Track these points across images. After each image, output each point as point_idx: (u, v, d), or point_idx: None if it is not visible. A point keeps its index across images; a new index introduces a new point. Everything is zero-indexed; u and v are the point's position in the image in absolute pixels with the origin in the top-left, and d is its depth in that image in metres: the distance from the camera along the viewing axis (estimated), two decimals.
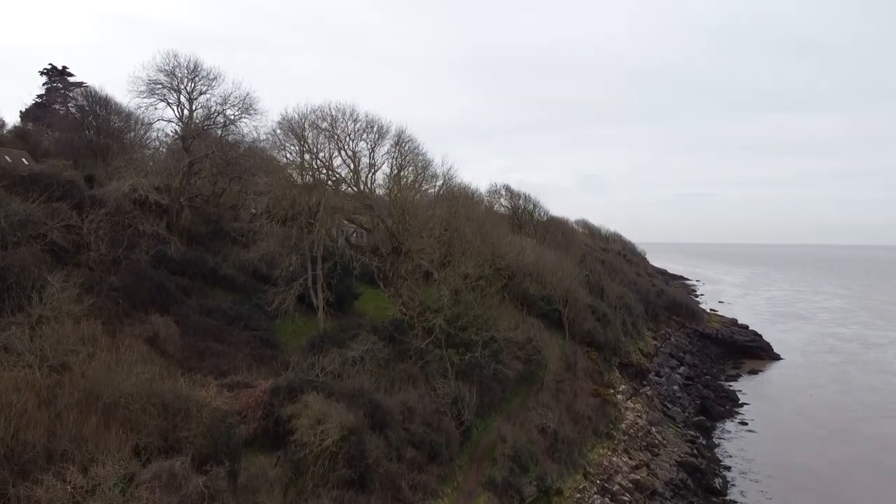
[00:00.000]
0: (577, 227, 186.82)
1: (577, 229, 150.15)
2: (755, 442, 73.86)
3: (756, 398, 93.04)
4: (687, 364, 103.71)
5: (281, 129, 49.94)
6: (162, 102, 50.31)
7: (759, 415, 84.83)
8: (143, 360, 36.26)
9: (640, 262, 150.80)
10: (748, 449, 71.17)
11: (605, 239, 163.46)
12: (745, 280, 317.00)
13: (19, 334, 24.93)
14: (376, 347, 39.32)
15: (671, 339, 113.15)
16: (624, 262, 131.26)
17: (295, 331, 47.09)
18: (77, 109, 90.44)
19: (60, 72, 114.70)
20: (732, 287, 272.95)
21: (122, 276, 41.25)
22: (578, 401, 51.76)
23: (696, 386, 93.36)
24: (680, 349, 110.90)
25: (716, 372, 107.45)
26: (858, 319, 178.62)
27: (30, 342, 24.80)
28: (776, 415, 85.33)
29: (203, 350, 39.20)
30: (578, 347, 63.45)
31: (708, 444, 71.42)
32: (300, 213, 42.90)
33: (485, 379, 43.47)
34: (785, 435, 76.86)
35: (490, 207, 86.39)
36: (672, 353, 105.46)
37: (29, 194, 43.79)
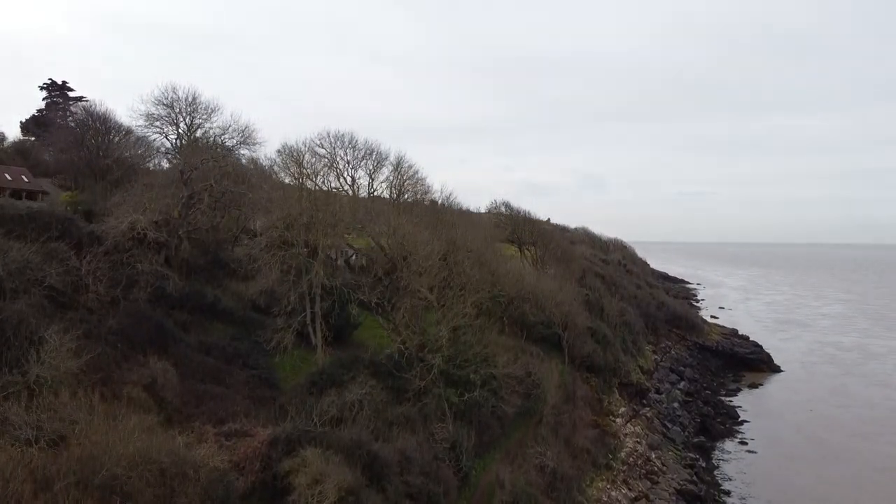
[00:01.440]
0: (578, 235, 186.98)
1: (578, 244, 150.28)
2: (755, 463, 73.90)
3: (756, 415, 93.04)
4: (687, 379, 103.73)
5: (280, 156, 50.07)
6: (160, 134, 50.12)
7: (758, 433, 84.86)
8: (142, 408, 36.63)
9: (640, 271, 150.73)
10: (748, 471, 71.22)
11: (605, 247, 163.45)
12: (745, 283, 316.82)
13: (15, 408, 24.88)
14: (374, 391, 39.25)
15: (671, 351, 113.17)
16: (624, 273, 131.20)
17: (294, 366, 47.11)
18: (77, 125, 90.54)
19: (60, 87, 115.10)
20: (733, 291, 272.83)
21: (120, 317, 41.22)
22: (577, 433, 51.79)
23: (696, 402, 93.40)
24: (680, 363, 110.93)
25: (716, 386, 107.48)
26: (858, 327, 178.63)
27: (26, 415, 24.78)
28: (776, 433, 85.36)
29: (202, 394, 39.16)
30: (578, 374, 63.44)
31: (708, 466, 71.47)
32: (298, 248, 42.83)
33: (483, 417, 43.50)
34: (784, 455, 76.85)
35: (490, 226, 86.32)
36: (672, 367, 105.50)
37: (27, 234, 43.93)
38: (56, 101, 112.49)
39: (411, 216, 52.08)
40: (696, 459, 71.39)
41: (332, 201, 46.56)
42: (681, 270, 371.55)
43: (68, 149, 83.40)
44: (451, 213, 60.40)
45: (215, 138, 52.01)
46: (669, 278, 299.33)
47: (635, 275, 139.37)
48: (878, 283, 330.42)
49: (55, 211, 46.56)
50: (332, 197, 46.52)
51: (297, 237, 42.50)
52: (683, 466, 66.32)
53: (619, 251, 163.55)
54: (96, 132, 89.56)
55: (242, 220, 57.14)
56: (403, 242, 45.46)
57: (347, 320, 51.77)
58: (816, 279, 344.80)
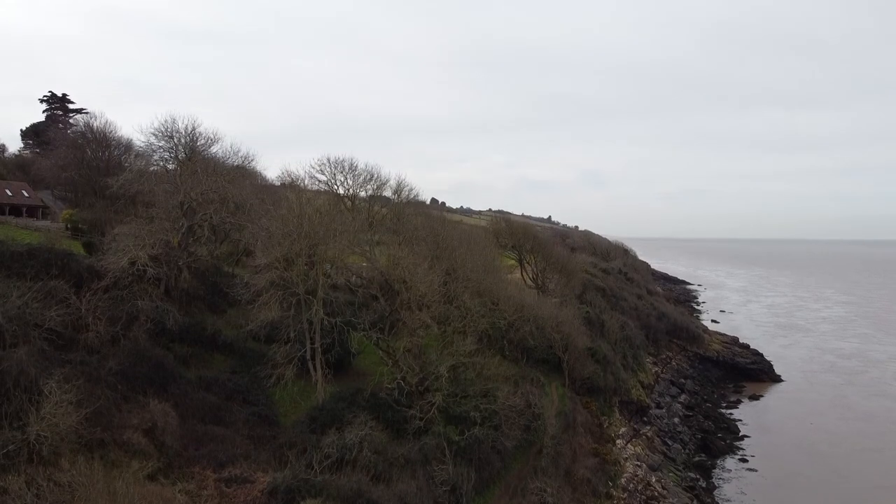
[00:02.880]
0: (579, 240, 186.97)
1: (579, 251, 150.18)
2: (754, 483, 73.87)
3: (757, 429, 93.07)
4: (688, 391, 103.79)
5: (281, 181, 49.99)
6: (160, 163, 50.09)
7: (759, 449, 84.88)
8: (143, 454, 36.69)
9: (641, 278, 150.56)
10: (748, 492, 71.22)
11: (605, 254, 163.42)
12: (746, 284, 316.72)
13: (15, 480, 24.90)
14: (374, 432, 39.27)
15: (672, 363, 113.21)
16: (625, 281, 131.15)
17: (293, 400, 47.14)
18: (77, 139, 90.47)
19: (60, 99, 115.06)
20: (734, 293, 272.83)
21: (120, 357, 41.27)
22: (577, 463, 51.83)
23: (696, 417, 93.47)
24: (681, 374, 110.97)
25: (717, 398, 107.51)
26: (858, 331, 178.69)
27: (26, 489, 24.81)
28: (776, 449, 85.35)
29: (202, 436, 39.21)
30: (578, 399, 63.42)
31: (708, 486, 71.50)
32: (298, 288, 42.84)
33: (483, 453, 43.50)
34: (784, 474, 76.83)
35: (489, 241, 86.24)
36: (673, 379, 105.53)
37: (27, 272, 43.97)
38: (56, 112, 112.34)
39: (411, 246, 52.05)
40: (697, 480, 71.47)
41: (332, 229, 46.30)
42: (682, 270, 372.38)
43: (68, 166, 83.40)
44: (450, 238, 60.17)
45: (215, 167, 51.59)
46: (670, 279, 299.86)
47: (636, 283, 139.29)
48: (879, 283, 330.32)
49: (54, 247, 46.45)
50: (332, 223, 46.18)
51: (296, 276, 42.42)
52: (684, 489, 66.31)
53: (620, 257, 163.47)
54: (97, 146, 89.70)
55: (243, 244, 57.13)
56: (405, 276, 45.43)
57: (347, 350, 51.73)
58: (817, 280, 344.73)
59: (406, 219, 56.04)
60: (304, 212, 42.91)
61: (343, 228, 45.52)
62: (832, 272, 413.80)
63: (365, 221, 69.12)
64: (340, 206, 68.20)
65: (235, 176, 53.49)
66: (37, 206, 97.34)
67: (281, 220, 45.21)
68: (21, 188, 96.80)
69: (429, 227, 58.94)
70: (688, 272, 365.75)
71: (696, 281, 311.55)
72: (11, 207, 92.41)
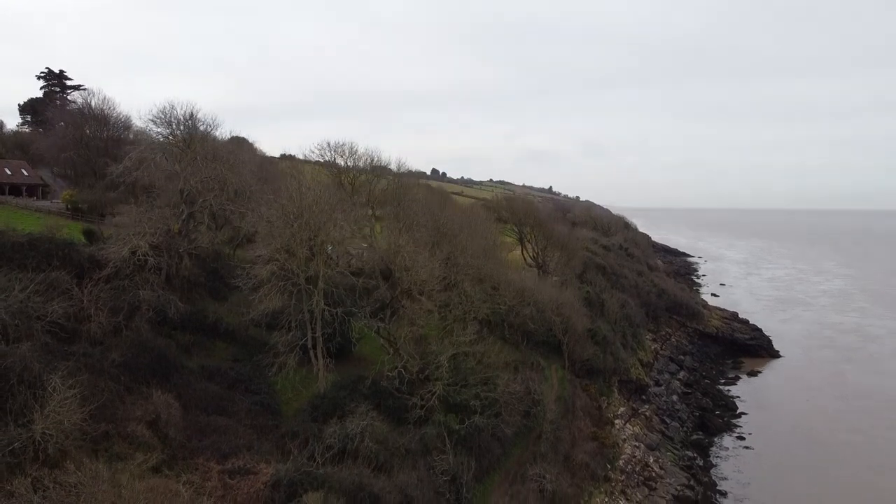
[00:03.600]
0: (580, 214, 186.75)
1: (580, 226, 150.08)
2: (751, 462, 74.79)
3: (754, 406, 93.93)
4: (686, 368, 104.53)
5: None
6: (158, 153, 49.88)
7: (756, 427, 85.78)
8: (147, 446, 37.14)
9: (641, 254, 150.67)
10: (744, 470, 72.13)
11: (606, 228, 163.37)
12: (746, 256, 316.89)
13: (22, 483, 25.28)
14: (375, 423, 39.70)
15: (671, 339, 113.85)
16: (625, 257, 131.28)
17: (295, 388, 47.50)
18: (75, 118, 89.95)
19: (58, 75, 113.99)
20: (734, 265, 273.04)
21: (122, 349, 41.53)
22: (576, 448, 52.43)
23: (695, 395, 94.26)
24: (680, 351, 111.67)
25: (715, 375, 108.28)
26: (857, 305, 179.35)
27: (32, 491, 25.18)
28: (773, 427, 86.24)
29: (205, 427, 39.64)
30: (578, 382, 63.94)
31: (705, 464, 72.40)
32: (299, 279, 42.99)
33: (483, 441, 44.03)
34: (780, 452, 77.71)
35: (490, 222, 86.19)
36: (672, 356, 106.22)
37: (28, 263, 44.07)
38: (53, 89, 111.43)
39: (412, 233, 52.07)
40: (694, 458, 72.37)
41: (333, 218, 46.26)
42: (682, 241, 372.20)
43: (67, 146, 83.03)
44: (450, 223, 60.11)
45: (215, 153, 51.40)
46: (671, 251, 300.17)
47: (636, 258, 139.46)
48: (879, 256, 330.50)
49: (55, 237, 46.45)
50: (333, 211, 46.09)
51: (297, 267, 42.53)
52: (681, 468, 67.21)
53: (620, 232, 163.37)
54: (96, 125, 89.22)
55: (244, 231, 57.21)
56: (405, 264, 45.54)
57: (348, 337, 51.93)
58: (817, 252, 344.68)
59: (406, 204, 55.84)
60: (304, 201, 42.74)
61: (344, 217, 45.39)
62: (833, 244, 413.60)
63: (365, 203, 69.25)
64: (341, 188, 68.21)
65: (235, 161, 53.19)
66: (36, 185, 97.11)
67: (281, 210, 45.09)
68: (20, 167, 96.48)
69: (429, 212, 58.78)
70: (688, 244, 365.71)
71: (696, 253, 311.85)
72: (11, 187, 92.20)
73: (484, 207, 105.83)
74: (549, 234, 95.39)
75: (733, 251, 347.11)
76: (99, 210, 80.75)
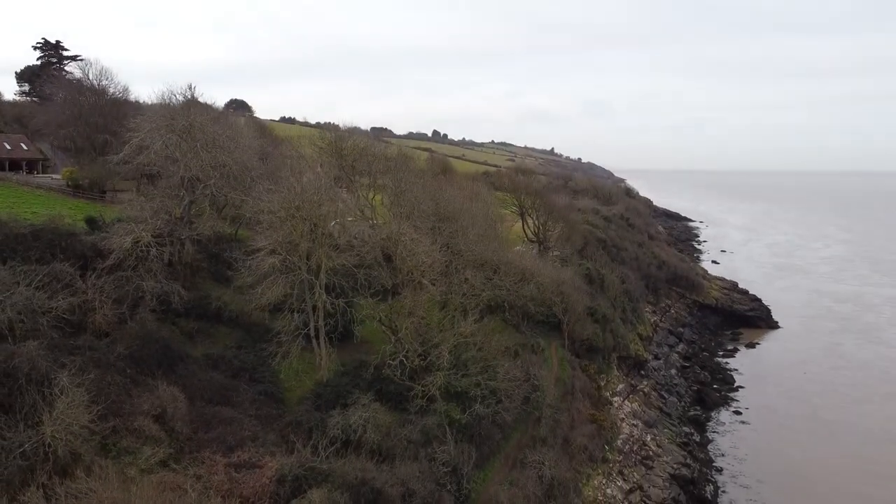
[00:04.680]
0: (581, 183, 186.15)
1: (581, 195, 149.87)
2: (747, 437, 76.12)
3: (752, 379, 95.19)
4: (686, 341, 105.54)
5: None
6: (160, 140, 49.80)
7: (753, 400, 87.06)
8: (154, 440, 37.92)
9: (642, 224, 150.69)
10: (740, 446, 73.47)
11: (608, 197, 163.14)
12: (748, 221, 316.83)
13: (34, 495, 25.94)
14: (377, 414, 40.44)
15: (671, 311, 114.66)
16: (626, 228, 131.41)
17: (297, 375, 48.21)
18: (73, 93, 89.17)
19: (54, 46, 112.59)
20: (735, 230, 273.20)
21: (127, 340, 42.09)
22: (575, 431, 53.32)
23: (693, 368, 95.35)
24: (679, 322, 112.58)
25: (714, 347, 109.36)
26: (857, 272, 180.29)
27: (45, 501, 25.87)
28: (770, 400, 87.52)
29: (210, 418, 40.32)
30: (577, 362, 64.67)
31: (702, 440, 73.70)
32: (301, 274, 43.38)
33: (484, 429, 44.84)
34: (776, 427, 79.02)
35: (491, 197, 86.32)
36: (671, 328, 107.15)
37: (31, 254, 44.36)
38: (51, 60, 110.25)
39: (412, 220, 52.23)
40: (691, 434, 73.62)
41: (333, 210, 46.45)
42: (684, 205, 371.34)
43: (66, 123, 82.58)
44: (450, 205, 60.18)
45: (214, 139, 51.29)
46: (672, 215, 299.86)
47: (637, 228, 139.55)
48: (879, 219, 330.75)
49: (58, 227, 46.63)
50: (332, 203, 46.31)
51: (299, 259, 42.86)
52: (678, 445, 68.40)
53: (621, 201, 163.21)
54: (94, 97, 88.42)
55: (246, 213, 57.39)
56: (405, 254, 45.85)
57: (351, 320, 52.36)
58: (819, 216, 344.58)
59: (407, 186, 55.75)
60: (304, 195, 42.82)
61: (344, 208, 45.61)
62: (834, 207, 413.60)
63: (367, 172, 68.60)
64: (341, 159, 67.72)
65: (235, 147, 53.08)
66: (36, 160, 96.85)
67: (281, 201, 45.18)
68: (20, 141, 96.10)
69: (430, 195, 58.73)
70: (690, 207, 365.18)
71: (698, 217, 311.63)
72: (11, 162, 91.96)
73: (485, 182, 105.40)
74: (550, 208, 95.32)
75: (735, 215, 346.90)
76: (100, 186, 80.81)
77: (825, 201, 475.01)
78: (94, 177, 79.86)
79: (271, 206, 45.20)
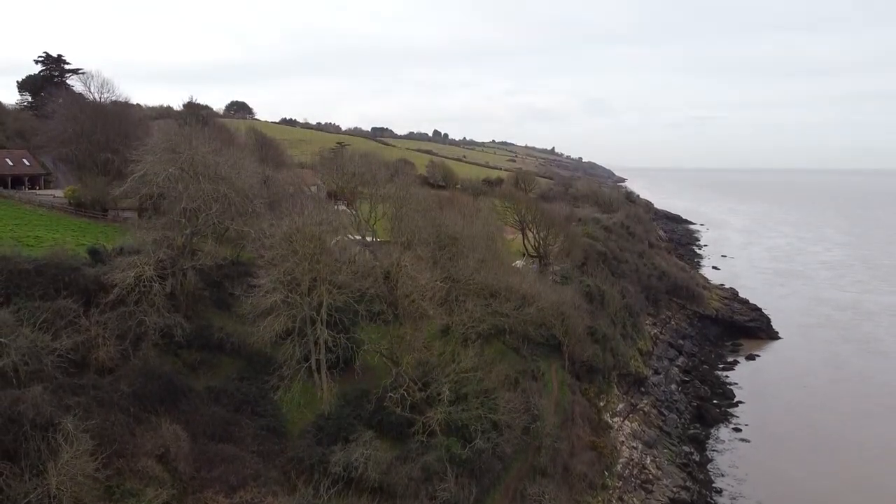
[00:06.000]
0: (582, 190, 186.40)
1: (582, 203, 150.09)
2: (747, 455, 76.38)
3: (751, 393, 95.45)
4: (686, 354, 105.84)
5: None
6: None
7: (752, 416, 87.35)
8: (157, 481, 38.26)
9: (643, 231, 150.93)
10: (740, 465, 73.75)
11: (609, 205, 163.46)
12: (748, 223, 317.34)
13: None
14: (377, 453, 40.77)
15: (671, 322, 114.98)
16: (627, 238, 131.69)
17: (298, 406, 48.45)
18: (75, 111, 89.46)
19: (56, 59, 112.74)
20: (735, 233, 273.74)
21: (130, 377, 42.40)
22: (575, 458, 53.65)
23: (693, 383, 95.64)
24: (680, 334, 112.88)
25: (714, 359, 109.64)
26: (856, 277, 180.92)
27: None
28: (769, 416, 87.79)
29: (213, 456, 40.61)
30: (577, 386, 65.02)
31: (701, 459, 74.02)
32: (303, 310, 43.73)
33: (484, 462, 45.15)
34: (777, 444, 79.28)
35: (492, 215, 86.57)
36: (671, 341, 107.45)
37: (34, 290, 44.64)
38: (52, 73, 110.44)
39: (413, 248, 52.53)
40: (691, 454, 73.94)
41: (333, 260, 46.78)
42: (685, 206, 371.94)
43: (68, 141, 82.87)
44: (450, 229, 60.49)
45: (216, 170, 51.62)
46: (672, 217, 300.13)
47: (637, 237, 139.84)
48: (879, 220, 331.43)
49: (61, 261, 46.90)
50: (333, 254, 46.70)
51: (300, 298, 43.18)
52: (678, 466, 68.76)
53: (622, 208, 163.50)
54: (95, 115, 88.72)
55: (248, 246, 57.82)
56: (407, 291, 46.24)
57: (352, 348, 52.56)
58: (819, 217, 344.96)
59: (407, 217, 56.03)
60: (305, 233, 43.11)
61: (346, 257, 46.00)
62: (835, 207, 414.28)
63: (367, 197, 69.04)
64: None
65: (237, 176, 53.38)
66: (39, 175, 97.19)
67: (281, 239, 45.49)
68: (22, 156, 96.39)
69: (431, 223, 58.96)
70: (691, 208, 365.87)
71: (698, 220, 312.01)
72: (13, 178, 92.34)
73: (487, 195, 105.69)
74: (550, 222, 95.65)
75: (735, 217, 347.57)
76: (102, 205, 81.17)
77: (825, 201, 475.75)
78: (95, 195, 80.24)
79: (273, 241, 45.50)
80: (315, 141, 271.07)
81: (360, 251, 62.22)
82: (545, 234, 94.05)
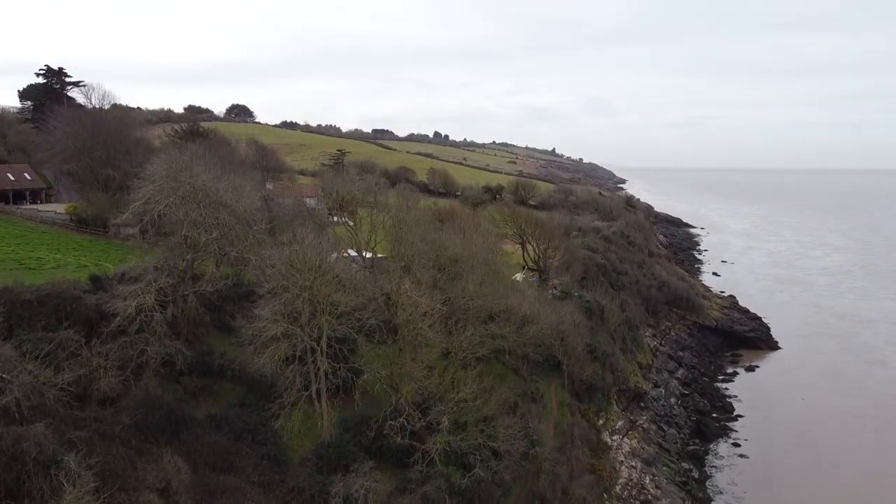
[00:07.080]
0: (582, 197, 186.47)
1: (583, 211, 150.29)
2: (746, 471, 76.62)
3: (750, 407, 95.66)
4: (685, 365, 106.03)
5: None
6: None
7: (752, 431, 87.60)
8: None
9: (643, 240, 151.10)
10: (739, 482, 73.99)
11: (609, 213, 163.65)
12: (748, 226, 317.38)
13: None
14: (376, 485, 41.06)
15: (671, 333, 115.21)
16: (627, 247, 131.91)
17: (299, 433, 48.71)
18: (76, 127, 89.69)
19: (57, 72, 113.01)
20: (736, 237, 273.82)
21: (132, 409, 42.65)
22: (574, 482, 53.91)
23: (693, 396, 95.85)
24: (679, 345, 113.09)
25: (714, 371, 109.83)
26: (855, 284, 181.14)
27: None
28: (769, 430, 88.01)
29: (214, 488, 40.84)
30: (577, 406, 65.29)
31: (700, 476, 74.23)
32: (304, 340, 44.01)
33: (483, 490, 45.41)
34: (775, 460, 79.57)
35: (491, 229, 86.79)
36: (671, 353, 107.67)
37: (36, 321, 44.94)
38: (53, 86, 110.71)
39: (412, 273, 52.83)
40: (690, 471, 74.14)
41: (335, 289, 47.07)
42: (685, 209, 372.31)
43: (69, 158, 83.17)
44: (450, 249, 60.80)
45: (217, 197, 51.91)
46: (673, 221, 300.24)
47: (637, 246, 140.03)
48: (879, 224, 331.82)
49: (62, 291, 47.16)
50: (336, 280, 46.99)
51: (301, 329, 43.47)
52: (677, 485, 69.01)
53: (622, 216, 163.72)
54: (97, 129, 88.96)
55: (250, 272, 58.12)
56: (407, 318, 46.47)
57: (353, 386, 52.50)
58: (819, 221, 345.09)
59: (406, 240, 56.27)
60: (305, 263, 43.39)
61: (351, 283, 46.25)
62: (835, 210, 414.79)
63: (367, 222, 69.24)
64: None
65: (238, 201, 53.69)
66: (40, 189, 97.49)
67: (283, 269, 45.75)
68: (23, 171, 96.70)
69: (430, 245, 59.25)
70: (691, 211, 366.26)
71: (699, 223, 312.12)
72: (15, 193, 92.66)
73: (488, 218, 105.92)
74: (550, 235, 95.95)
75: (736, 220, 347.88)
76: (103, 221, 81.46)
77: (825, 201, 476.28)
78: (97, 212, 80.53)
79: (273, 272, 45.78)
80: (315, 145, 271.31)
81: (360, 270, 62.62)
82: (545, 247, 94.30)
